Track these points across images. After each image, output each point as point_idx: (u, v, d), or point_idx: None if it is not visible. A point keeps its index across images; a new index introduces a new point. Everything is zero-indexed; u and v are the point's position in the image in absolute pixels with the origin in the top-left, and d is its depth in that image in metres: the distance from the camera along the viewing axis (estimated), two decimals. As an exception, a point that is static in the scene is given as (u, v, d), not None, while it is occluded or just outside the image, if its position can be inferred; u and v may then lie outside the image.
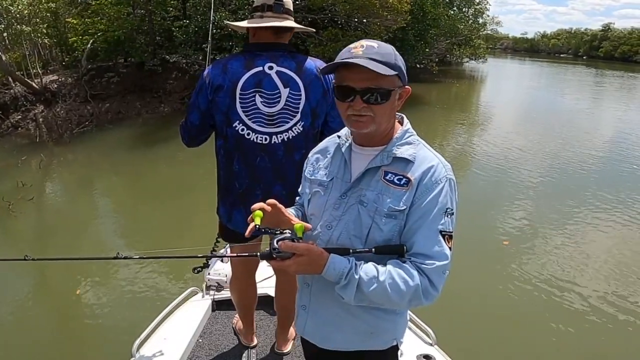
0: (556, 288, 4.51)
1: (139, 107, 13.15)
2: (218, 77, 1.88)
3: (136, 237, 5.66)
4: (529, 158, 9.67)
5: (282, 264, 1.13)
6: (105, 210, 6.97)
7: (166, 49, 13.76)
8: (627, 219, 6.44)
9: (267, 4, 1.89)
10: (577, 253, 5.34)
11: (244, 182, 1.97)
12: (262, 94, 1.87)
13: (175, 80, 14.23)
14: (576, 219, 6.39)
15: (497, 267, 4.92)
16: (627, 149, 10.90)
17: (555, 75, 39.88)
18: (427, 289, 1.15)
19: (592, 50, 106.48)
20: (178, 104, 13.90)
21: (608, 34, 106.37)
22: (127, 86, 13.36)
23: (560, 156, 9.85)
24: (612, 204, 6.97)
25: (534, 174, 8.54)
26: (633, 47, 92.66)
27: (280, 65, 1.89)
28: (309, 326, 1.37)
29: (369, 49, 1.13)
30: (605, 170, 9.08)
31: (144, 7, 13.29)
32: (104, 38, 12.80)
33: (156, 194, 7.31)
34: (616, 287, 4.60)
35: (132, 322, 3.58)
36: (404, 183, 1.18)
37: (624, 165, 9.46)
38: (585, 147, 10.83)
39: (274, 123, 1.90)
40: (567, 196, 7.33)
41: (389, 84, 1.15)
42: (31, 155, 8.85)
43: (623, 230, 6.13)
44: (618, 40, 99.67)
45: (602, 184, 7.98)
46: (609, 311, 4.17)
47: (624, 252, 5.43)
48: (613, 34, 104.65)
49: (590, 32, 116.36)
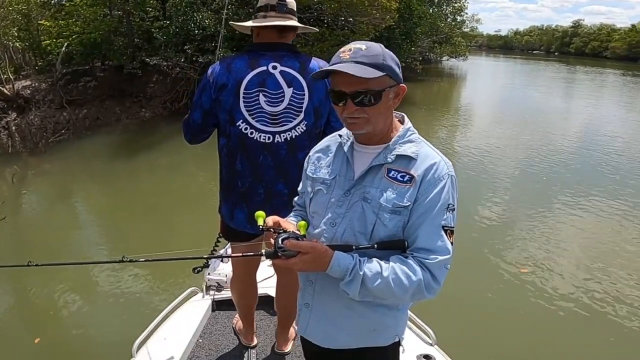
0: (556, 288, 4.54)
1: (119, 112, 12.71)
2: (222, 76, 1.89)
3: (121, 248, 5.38)
4: (508, 153, 10.18)
5: (287, 262, 1.15)
6: (86, 223, 6.58)
7: (146, 51, 13.25)
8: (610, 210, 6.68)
9: (270, 4, 1.91)
10: (572, 249, 5.46)
11: (246, 181, 1.97)
12: (265, 93, 1.88)
13: (156, 84, 13.76)
14: (565, 213, 6.57)
15: (497, 268, 4.96)
16: (600, 144, 11.35)
17: (530, 73, 40.74)
18: (429, 283, 1.17)
19: (564, 46, 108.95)
20: (160, 108, 13.41)
21: (578, 30, 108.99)
22: (105, 91, 12.87)
23: (534, 150, 10.35)
24: (593, 197, 7.24)
25: (511, 168, 9.03)
26: (602, 43, 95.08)
27: (284, 65, 1.90)
28: (311, 325, 1.39)
29: (356, 53, 1.15)
30: (579, 162, 9.61)
31: (121, 8, 12.80)
32: (80, 40, 12.27)
33: (139, 204, 6.99)
34: (617, 287, 4.61)
35: (132, 322, 3.59)
36: (407, 180, 1.20)
37: (595, 159, 9.93)
38: (557, 142, 11.31)
39: (277, 122, 1.91)
40: (551, 187, 7.68)
41: (378, 85, 1.16)
42: (3, 168, 8.36)
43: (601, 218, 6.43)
44: (588, 37, 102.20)
45: (578, 176, 8.43)
46: (609, 311, 4.18)
47: (615, 246, 5.57)
48: (583, 30, 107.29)
49: (562, 29, 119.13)
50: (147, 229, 5.89)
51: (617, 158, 9.89)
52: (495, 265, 4.98)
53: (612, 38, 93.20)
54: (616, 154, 10.21)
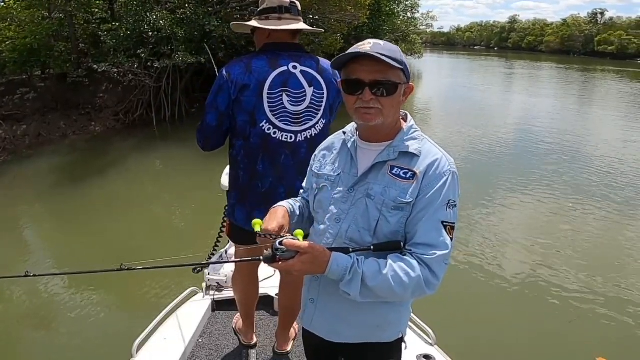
0: (556, 287, 4.59)
1: (64, 127, 11.40)
2: (243, 76, 1.87)
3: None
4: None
5: (286, 264, 1.15)
6: (37, 257, 5.61)
7: (93, 56, 11.98)
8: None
9: (284, 6, 1.91)
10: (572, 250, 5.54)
11: (267, 182, 1.98)
12: (289, 92, 1.90)
13: (106, 93, 12.45)
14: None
15: (497, 268, 5.01)
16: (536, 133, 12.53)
17: (475, 69, 42.51)
18: (428, 278, 1.19)
19: (502, 41, 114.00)
20: (112, 121, 12.07)
21: (515, 25, 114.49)
22: (47, 103, 11.51)
23: (479, 141, 11.22)
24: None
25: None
26: (537, 38, 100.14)
27: (303, 65, 1.93)
28: (316, 319, 1.40)
29: (376, 46, 1.18)
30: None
31: (62, 10, 11.37)
32: (13, 47, 10.76)
33: (97, 246, 5.87)
34: (617, 285, 4.69)
35: (132, 322, 3.60)
36: (410, 176, 1.22)
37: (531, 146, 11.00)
38: (498, 132, 12.50)
39: (299, 121, 1.94)
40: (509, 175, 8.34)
41: (396, 77, 1.20)
42: None
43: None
44: (524, 32, 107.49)
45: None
46: (609, 311, 4.22)
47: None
48: (519, 26, 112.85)
49: (500, 25, 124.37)
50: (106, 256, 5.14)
51: (550, 147, 10.88)
52: (495, 265, 5.03)
53: (545, 32, 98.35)
54: (551, 143, 11.24)
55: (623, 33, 77.93)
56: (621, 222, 6.36)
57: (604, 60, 66.22)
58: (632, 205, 6.99)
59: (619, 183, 8.10)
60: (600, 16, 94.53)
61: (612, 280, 4.77)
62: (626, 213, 6.67)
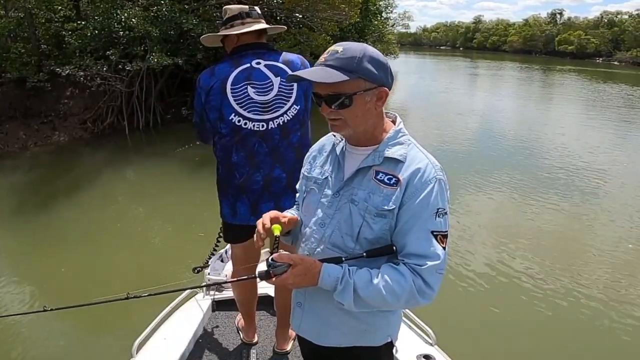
0: (556, 287, 4.62)
1: (24, 137, 10.41)
2: (208, 80, 2.02)
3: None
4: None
5: (280, 279, 1.17)
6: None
7: (56, 59, 10.85)
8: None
9: (244, 12, 2.08)
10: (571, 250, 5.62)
11: (244, 171, 2.06)
12: (253, 84, 2.00)
13: (72, 99, 11.34)
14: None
15: (497, 268, 5.03)
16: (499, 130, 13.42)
17: (445, 71, 42.64)
18: (421, 289, 1.17)
19: (467, 41, 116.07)
20: (78, 130, 10.97)
21: (479, 25, 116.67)
22: (3, 111, 10.46)
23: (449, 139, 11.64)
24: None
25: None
26: (501, 38, 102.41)
27: (267, 60, 2.04)
28: (304, 323, 1.41)
29: (331, 55, 1.16)
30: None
31: (20, 8, 10.32)
32: (-37, 49, 9.55)
33: (68, 259, 5.30)
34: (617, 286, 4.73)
35: (132, 322, 3.61)
36: (394, 183, 1.20)
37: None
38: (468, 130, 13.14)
39: (269, 110, 2.02)
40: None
41: (350, 88, 1.16)
42: None
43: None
44: (488, 32, 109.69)
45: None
46: (609, 311, 4.23)
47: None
48: (483, 26, 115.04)
49: (464, 25, 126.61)
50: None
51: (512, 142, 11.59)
52: (495, 266, 5.04)
53: (508, 33, 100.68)
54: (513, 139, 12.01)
55: (582, 33, 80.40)
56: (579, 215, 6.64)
57: (564, 60, 68.12)
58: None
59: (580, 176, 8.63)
60: (559, 16, 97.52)
61: (612, 281, 4.82)
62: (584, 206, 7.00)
